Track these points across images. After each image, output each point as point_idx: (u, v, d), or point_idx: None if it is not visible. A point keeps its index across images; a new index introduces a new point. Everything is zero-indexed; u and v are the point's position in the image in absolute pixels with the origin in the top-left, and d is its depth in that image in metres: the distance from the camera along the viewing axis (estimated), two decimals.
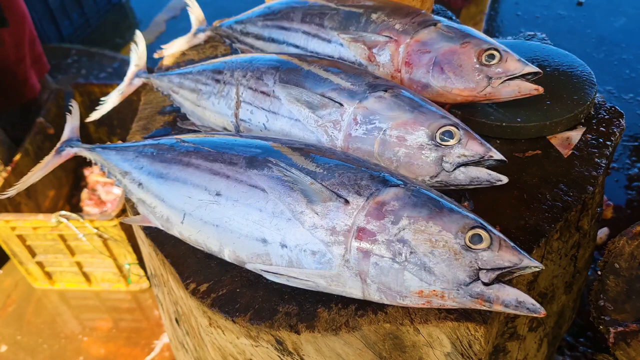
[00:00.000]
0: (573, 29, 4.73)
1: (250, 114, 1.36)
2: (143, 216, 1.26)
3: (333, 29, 1.51)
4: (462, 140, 1.19)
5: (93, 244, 2.72)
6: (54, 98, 3.40)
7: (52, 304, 3.06)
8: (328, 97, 1.27)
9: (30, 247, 2.84)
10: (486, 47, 1.34)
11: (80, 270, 2.91)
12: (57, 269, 2.95)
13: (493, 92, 1.34)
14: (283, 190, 1.08)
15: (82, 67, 4.33)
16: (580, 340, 2.38)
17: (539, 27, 4.80)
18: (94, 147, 1.38)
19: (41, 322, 2.96)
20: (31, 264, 2.90)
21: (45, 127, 3.32)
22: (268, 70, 1.36)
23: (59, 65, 4.32)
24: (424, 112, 1.23)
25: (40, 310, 3.01)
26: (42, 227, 2.68)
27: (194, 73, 1.51)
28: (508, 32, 4.79)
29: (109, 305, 3.01)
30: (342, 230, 1.03)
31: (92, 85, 3.53)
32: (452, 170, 1.19)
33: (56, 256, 2.87)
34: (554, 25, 4.82)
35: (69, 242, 2.78)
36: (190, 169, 1.18)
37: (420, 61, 1.39)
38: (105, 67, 4.31)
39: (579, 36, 4.63)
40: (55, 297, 3.07)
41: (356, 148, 1.24)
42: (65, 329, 2.91)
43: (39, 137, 3.23)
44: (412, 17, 1.44)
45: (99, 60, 4.36)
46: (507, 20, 4.93)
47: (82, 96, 3.52)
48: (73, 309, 3.02)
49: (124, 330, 2.90)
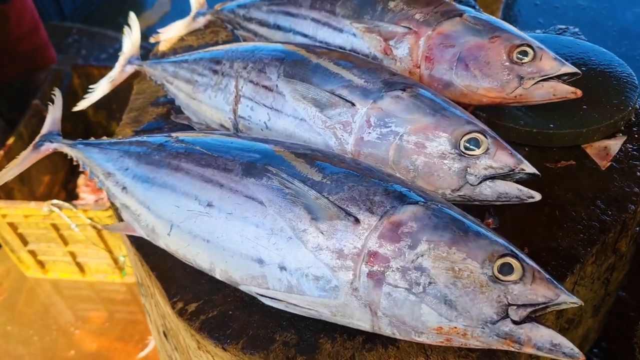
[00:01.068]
0: (594, 20, 4.53)
1: (250, 110, 1.21)
2: (127, 224, 1.13)
3: (345, 17, 1.35)
4: (490, 149, 1.05)
5: (86, 234, 2.60)
6: (52, 79, 3.26)
7: (44, 294, 2.96)
8: (338, 95, 1.12)
9: (21, 235, 2.73)
10: (518, 43, 1.19)
11: (74, 260, 2.81)
12: (50, 258, 2.85)
13: (524, 94, 1.19)
14: (284, 204, 0.94)
15: (83, 47, 4.19)
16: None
17: (558, 18, 4.60)
18: (76, 143, 1.24)
19: (33, 312, 2.86)
20: (23, 252, 2.80)
21: (41, 109, 3.19)
22: (272, 61, 1.22)
23: (59, 45, 4.18)
24: (447, 115, 1.08)
25: (32, 300, 2.91)
26: (33, 216, 2.57)
27: (190, 62, 1.36)
28: (526, 22, 4.59)
29: (103, 297, 2.91)
30: (350, 253, 0.89)
31: (92, 67, 3.39)
32: (478, 184, 1.05)
33: (49, 245, 2.77)
34: (573, 16, 4.62)
35: (62, 231, 2.67)
36: (180, 174, 1.04)
37: (442, 56, 1.23)
38: (107, 48, 4.16)
39: (600, 28, 4.44)
40: (48, 286, 2.97)
41: (368, 154, 1.10)
42: (57, 321, 2.81)
43: (34, 120, 3.10)
44: (434, 6, 1.29)
45: (99, 41, 4.21)
46: (524, 10, 4.73)
47: (80, 78, 3.39)
48: (66, 300, 2.92)
49: (118, 323, 2.80)
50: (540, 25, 4.56)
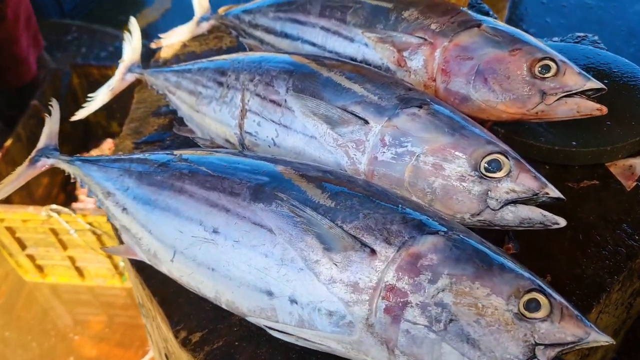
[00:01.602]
0: (602, 19, 4.46)
1: (257, 126, 1.15)
2: (127, 247, 1.07)
3: (357, 25, 1.29)
4: (512, 172, 0.99)
5: (85, 239, 2.56)
6: (51, 79, 3.20)
7: (43, 298, 2.91)
8: (350, 111, 1.06)
9: (20, 239, 2.69)
10: (540, 56, 1.13)
11: (73, 264, 2.76)
12: (48, 262, 2.81)
13: (546, 111, 1.13)
14: (295, 233, 0.88)
15: (82, 45, 4.12)
16: None
17: (565, 17, 4.53)
18: (73, 159, 1.18)
19: (31, 317, 2.82)
20: (21, 256, 2.76)
21: (40, 110, 3.13)
22: (280, 74, 1.15)
23: (59, 43, 4.11)
24: (467, 135, 1.02)
25: (30, 305, 2.87)
26: (32, 220, 2.52)
27: (194, 72, 1.30)
28: (532, 21, 4.52)
29: (102, 301, 2.87)
30: (366, 287, 0.84)
31: (91, 66, 3.33)
32: (499, 209, 0.99)
33: (47, 249, 2.72)
34: (581, 15, 4.54)
35: (61, 235, 2.62)
36: (183, 197, 0.99)
37: (459, 69, 1.17)
38: (107, 46, 4.09)
39: (608, 28, 4.36)
40: (47, 290, 2.93)
41: (382, 175, 1.04)
42: (56, 326, 2.77)
43: (33, 121, 3.04)
44: (451, 16, 1.22)
45: (100, 39, 4.14)
46: (531, 8, 4.65)
47: (79, 78, 3.33)
48: (65, 304, 2.88)
49: (118, 329, 2.75)
50: (547, 25, 4.49)
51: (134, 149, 1.37)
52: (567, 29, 4.42)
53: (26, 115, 2.96)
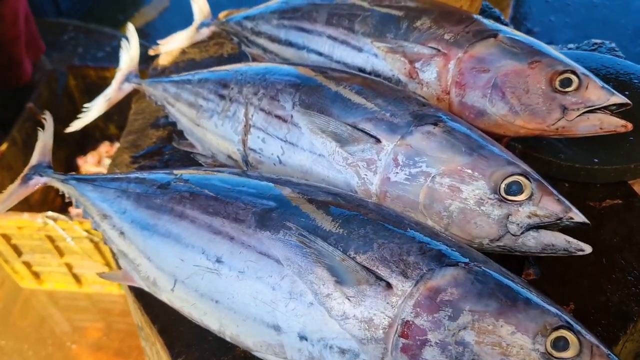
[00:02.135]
0: (607, 18, 4.39)
1: (262, 142, 1.09)
2: (125, 272, 1.01)
3: (365, 35, 1.22)
4: (535, 195, 0.93)
5: (82, 246, 2.50)
6: (46, 80, 3.13)
7: (40, 305, 2.86)
8: (361, 129, 1.00)
9: (15, 246, 2.63)
10: (561, 69, 1.06)
11: (70, 271, 2.71)
12: (45, 269, 2.76)
13: (567, 127, 1.07)
14: (304, 264, 0.82)
15: (79, 45, 4.05)
16: None
17: (570, 16, 4.47)
18: (68, 178, 1.12)
19: (27, 325, 2.76)
20: (17, 263, 2.70)
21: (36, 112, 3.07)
22: (285, 88, 1.09)
23: (55, 42, 4.04)
24: (485, 155, 0.96)
25: (27, 312, 2.81)
26: (27, 227, 2.47)
27: (194, 83, 1.24)
28: (536, 20, 4.45)
29: (100, 308, 2.82)
30: (381, 323, 0.78)
31: (88, 68, 3.26)
32: (520, 234, 0.93)
33: (44, 256, 2.67)
34: (586, 13, 4.48)
35: (58, 242, 2.57)
36: (184, 223, 0.92)
37: (475, 82, 1.11)
38: (104, 46, 4.02)
39: (614, 27, 4.30)
40: (44, 297, 2.87)
41: (395, 197, 0.98)
42: (53, 334, 2.72)
43: (29, 124, 2.98)
44: (465, 25, 1.16)
45: (97, 38, 4.07)
46: (535, 7, 4.58)
47: (76, 79, 3.26)
48: (62, 312, 2.82)
49: (116, 337, 2.70)
50: (551, 24, 4.43)
51: (131, 163, 1.31)
52: (572, 27, 4.36)
53: (21, 118, 2.90)
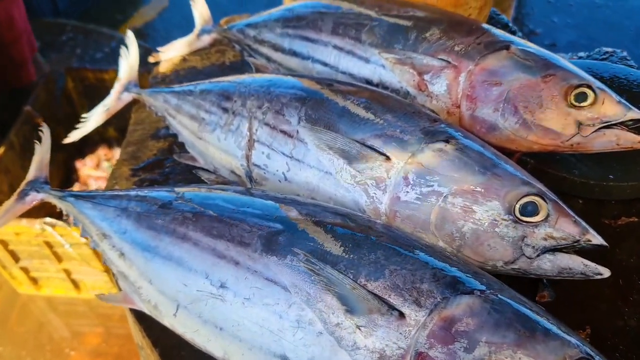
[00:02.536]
0: (609, 19, 4.36)
1: (266, 158, 1.05)
2: (125, 294, 0.97)
3: (373, 45, 1.19)
4: (551, 216, 0.89)
5: (80, 252, 2.47)
6: (44, 83, 3.09)
7: (38, 311, 2.83)
8: (370, 145, 0.97)
9: (13, 251, 2.60)
10: (576, 83, 1.03)
11: (69, 277, 2.67)
12: (43, 275, 2.73)
13: (582, 143, 1.03)
14: (313, 292, 0.79)
15: (77, 46, 3.99)
16: None
17: (572, 16, 4.43)
18: (65, 194, 1.08)
19: (25, 331, 2.73)
20: (15, 268, 2.67)
21: (34, 116, 3.03)
22: (291, 102, 1.05)
23: (53, 43, 3.98)
24: (499, 174, 0.92)
25: (25, 318, 2.78)
26: (25, 233, 2.43)
27: (196, 95, 1.20)
28: (538, 20, 4.41)
29: (99, 314, 2.79)
30: (394, 355, 0.75)
31: (86, 70, 3.22)
32: (536, 257, 0.89)
33: (42, 262, 2.64)
34: (588, 14, 4.44)
35: (56, 248, 2.54)
36: (187, 245, 0.89)
37: (487, 95, 1.07)
38: (102, 47, 3.97)
39: (616, 28, 4.27)
40: (42, 303, 2.84)
41: (406, 217, 0.94)
42: (51, 341, 2.69)
43: (26, 127, 2.94)
44: (476, 37, 1.12)
45: (95, 39, 4.02)
46: (537, 7, 4.55)
47: (74, 81, 3.22)
48: (60, 318, 2.79)
49: (115, 343, 2.67)
50: (553, 24, 4.39)
51: (131, 176, 1.27)
52: (574, 28, 4.33)
53: (19, 121, 2.86)
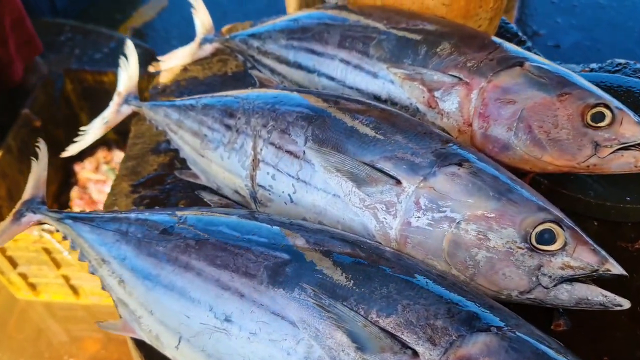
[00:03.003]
0: (614, 20, 4.31)
1: (271, 179, 1.02)
2: (125, 322, 0.94)
3: (381, 60, 1.15)
4: (568, 244, 0.86)
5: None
6: (42, 85, 3.05)
7: (37, 317, 2.80)
8: (380, 168, 0.93)
9: (11, 257, 2.57)
10: (593, 102, 0.99)
11: (67, 282, 2.64)
12: (41, 280, 2.70)
13: (599, 164, 0.99)
14: (322, 328, 0.75)
15: (76, 46, 3.94)
16: None
17: (576, 17, 4.39)
18: (63, 216, 1.04)
19: (24, 338, 2.70)
20: (13, 274, 2.63)
21: (32, 119, 2.99)
22: (297, 121, 1.02)
23: (52, 43, 3.93)
24: (515, 200, 0.89)
25: (23, 324, 2.75)
26: (23, 240, 2.40)
27: (198, 110, 1.16)
28: (542, 21, 4.37)
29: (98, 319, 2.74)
30: None
31: (85, 72, 3.18)
32: (552, 287, 0.86)
33: (40, 268, 2.61)
34: (592, 15, 4.40)
35: (54, 254, 2.51)
36: (190, 275, 0.85)
37: (500, 114, 1.04)
38: (101, 47, 3.91)
39: (621, 29, 4.22)
40: (41, 308, 2.81)
41: (417, 243, 0.91)
42: (50, 347, 2.66)
43: (24, 130, 2.91)
44: (488, 52, 1.08)
45: (94, 39, 3.96)
46: (541, 7, 4.50)
47: (73, 83, 3.19)
48: (59, 324, 2.76)
49: (115, 349, 2.64)
50: (557, 25, 4.35)
51: (131, 192, 1.23)
52: (578, 29, 4.28)
53: (17, 124, 2.83)
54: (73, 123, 3.31)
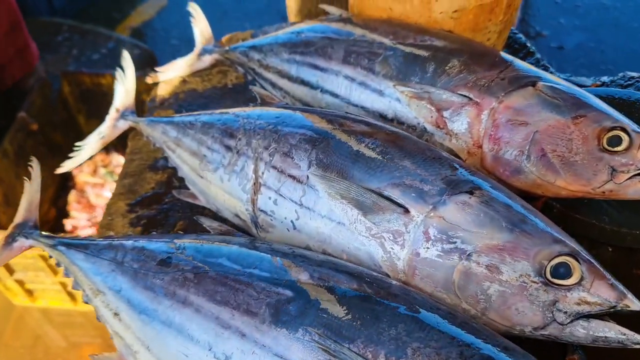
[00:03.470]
0: (618, 21, 4.26)
1: (273, 204, 0.98)
2: (120, 356, 0.90)
3: (387, 77, 1.10)
4: (585, 279, 0.82)
5: None
6: (39, 87, 3.00)
7: (34, 323, 2.76)
8: (387, 196, 0.89)
9: (7, 264, 2.52)
10: (609, 126, 0.95)
11: (65, 289, 2.60)
12: (38, 287, 2.66)
13: (615, 190, 0.95)
14: None
15: (74, 47, 3.89)
16: None
17: (580, 18, 4.34)
18: (56, 242, 1.00)
19: (20, 345, 2.67)
20: (9, 280, 2.60)
21: (28, 122, 2.95)
22: (300, 144, 0.97)
23: (49, 44, 3.88)
24: (529, 231, 0.85)
25: (20, 331, 2.72)
26: None
27: (197, 129, 1.12)
28: (545, 22, 4.32)
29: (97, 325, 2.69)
30: None
31: (83, 74, 3.13)
32: (568, 323, 0.82)
33: (37, 274, 2.57)
34: (596, 16, 4.34)
35: (51, 262, 2.46)
36: (188, 311, 0.81)
37: (511, 136, 1.00)
38: (99, 48, 3.86)
39: (625, 30, 4.17)
40: (38, 315, 2.77)
41: (426, 275, 0.87)
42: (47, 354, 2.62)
43: (21, 134, 2.87)
44: (499, 70, 1.04)
45: (92, 39, 3.91)
46: (544, 8, 4.44)
47: (70, 86, 3.14)
48: (56, 330, 2.73)
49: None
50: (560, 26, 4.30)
51: (127, 212, 1.19)
52: (582, 30, 4.23)
53: (13, 128, 2.79)
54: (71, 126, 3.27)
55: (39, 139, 2.98)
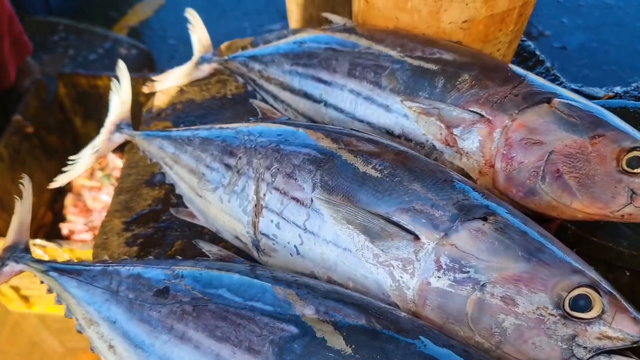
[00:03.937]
0: (622, 21, 4.21)
1: (276, 228, 0.93)
2: None
3: (394, 91, 1.05)
4: (606, 312, 0.78)
5: None
6: (35, 89, 2.95)
7: (30, 329, 2.72)
8: (395, 222, 0.84)
9: None
10: (629, 146, 0.90)
11: None
12: (34, 293, 2.61)
13: (635, 214, 0.91)
14: None
15: (70, 46, 3.83)
16: None
17: (583, 18, 4.29)
18: (48, 268, 0.95)
19: (16, 352, 2.63)
20: (4, 286, 2.55)
21: (23, 125, 2.90)
22: (304, 164, 0.92)
23: (45, 43, 3.82)
24: (546, 260, 0.80)
25: (16, 338, 2.68)
26: None
27: (196, 144, 1.07)
28: (547, 22, 4.26)
29: None
30: None
31: (79, 75, 3.07)
32: (588, 359, 0.77)
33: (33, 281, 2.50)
34: (599, 15, 4.29)
35: None
36: (187, 347, 0.77)
37: (525, 156, 0.95)
38: (96, 48, 3.80)
39: (629, 30, 4.12)
40: (34, 321, 2.73)
41: (437, 306, 0.82)
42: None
43: (16, 137, 2.82)
44: (513, 86, 0.99)
45: (88, 39, 3.85)
46: (546, 7, 4.39)
47: (67, 87, 3.08)
48: (53, 337, 2.68)
49: None
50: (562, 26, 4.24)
51: (123, 231, 1.15)
52: (585, 30, 4.18)
53: (8, 131, 2.74)
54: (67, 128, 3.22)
55: (35, 142, 2.93)
